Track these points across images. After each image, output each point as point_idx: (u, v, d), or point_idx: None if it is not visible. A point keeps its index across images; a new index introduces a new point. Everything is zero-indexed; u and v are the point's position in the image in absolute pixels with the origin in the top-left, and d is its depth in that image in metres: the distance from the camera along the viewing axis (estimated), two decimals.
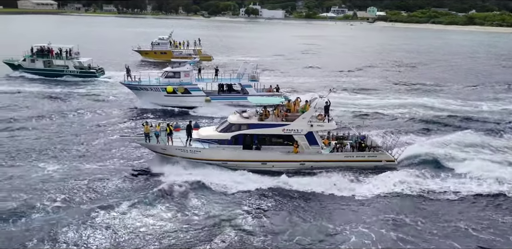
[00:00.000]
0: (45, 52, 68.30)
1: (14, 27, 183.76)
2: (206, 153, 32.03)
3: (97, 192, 28.25)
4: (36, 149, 35.82)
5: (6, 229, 23.54)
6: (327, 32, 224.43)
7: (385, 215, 26.53)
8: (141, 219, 25.08)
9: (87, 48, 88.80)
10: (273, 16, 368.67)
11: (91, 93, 57.98)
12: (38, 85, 61.81)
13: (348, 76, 78.56)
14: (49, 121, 44.45)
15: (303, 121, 32.80)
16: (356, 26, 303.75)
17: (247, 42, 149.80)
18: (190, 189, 28.81)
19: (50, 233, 23.09)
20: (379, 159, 33.55)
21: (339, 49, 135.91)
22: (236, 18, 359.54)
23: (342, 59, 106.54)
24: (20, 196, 27.08)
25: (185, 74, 50.25)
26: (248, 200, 27.99)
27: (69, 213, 25.28)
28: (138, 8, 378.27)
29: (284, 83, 64.19)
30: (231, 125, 32.97)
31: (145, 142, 32.39)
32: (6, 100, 52.43)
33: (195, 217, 25.72)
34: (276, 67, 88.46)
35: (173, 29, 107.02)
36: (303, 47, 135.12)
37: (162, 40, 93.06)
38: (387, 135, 36.37)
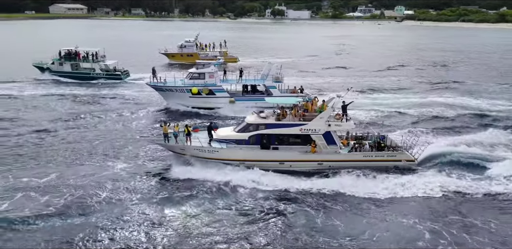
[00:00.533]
0: (72, 55, 70.04)
1: (44, 32, 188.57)
2: (223, 153, 32.25)
3: (124, 192, 28.78)
4: (61, 149, 36.82)
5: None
6: (356, 31, 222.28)
7: (408, 216, 26.22)
8: (172, 218, 25.56)
9: (115, 51, 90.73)
10: (299, 16, 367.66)
11: (116, 94, 59.08)
12: (66, 87, 63.39)
13: (378, 76, 77.97)
14: (75, 122, 45.47)
15: (320, 121, 32.71)
16: (384, 25, 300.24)
17: (276, 43, 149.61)
18: (212, 189, 29.17)
19: (89, 233, 23.84)
20: (398, 159, 33.18)
21: (370, 48, 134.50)
22: (262, 19, 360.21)
23: (374, 59, 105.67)
24: (67, 193, 28.07)
25: (209, 75, 50.67)
26: (271, 200, 28.05)
27: (96, 213, 25.86)
28: (166, 11, 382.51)
29: (313, 84, 64.80)
30: (248, 125, 33.13)
31: (164, 142, 32.81)
32: (36, 102, 53.89)
33: (222, 216, 26.03)
34: (310, 67, 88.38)
35: (199, 31, 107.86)
36: (335, 47, 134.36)
37: (189, 42, 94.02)
38: (408, 134, 35.92)
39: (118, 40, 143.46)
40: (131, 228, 24.37)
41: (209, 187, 29.49)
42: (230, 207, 27.14)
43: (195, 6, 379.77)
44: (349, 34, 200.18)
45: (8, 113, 47.98)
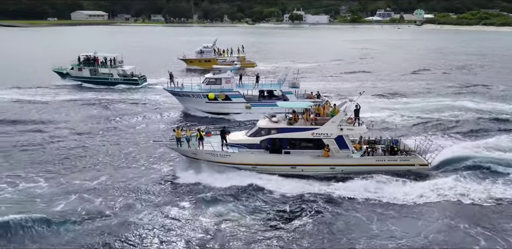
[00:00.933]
0: (91, 61, 71.40)
1: (65, 38, 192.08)
2: (235, 157, 32.37)
3: (142, 196, 29.16)
4: (73, 154, 37.40)
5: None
6: (377, 36, 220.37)
7: (422, 221, 26.16)
8: (192, 222, 25.84)
9: (134, 57, 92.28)
10: (317, 21, 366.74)
11: (133, 99, 59.87)
12: (85, 92, 64.59)
13: (405, 80, 77.62)
14: (93, 126, 46.25)
15: (332, 125, 32.61)
16: (404, 29, 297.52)
17: (296, 47, 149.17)
18: (227, 193, 29.25)
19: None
20: (411, 163, 32.92)
21: (394, 52, 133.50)
22: (280, 24, 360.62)
23: (399, 63, 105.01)
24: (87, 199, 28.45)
25: (226, 81, 50.79)
26: (288, 204, 28.12)
27: (115, 217, 26.09)
28: (185, 17, 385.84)
29: (340, 89, 65.06)
30: (260, 129, 33.21)
31: (176, 147, 33.06)
32: (57, 107, 55.10)
33: (245, 220, 26.23)
34: (336, 72, 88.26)
35: (217, 37, 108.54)
36: (358, 51, 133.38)
37: (207, 48, 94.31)
38: (422, 139, 35.52)
39: (138, 46, 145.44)
40: (156, 231, 24.68)
41: (226, 191, 29.56)
42: (250, 211, 27.23)
43: (214, 12, 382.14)
44: (370, 38, 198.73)
45: (37, 118, 49.19)
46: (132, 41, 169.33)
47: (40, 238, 23.76)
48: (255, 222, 25.85)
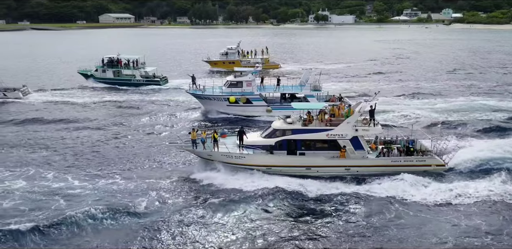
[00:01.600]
0: (114, 62, 73.20)
1: (94, 40, 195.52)
2: (250, 158, 32.57)
3: (169, 196, 29.56)
4: (95, 155, 38.34)
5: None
6: (406, 35, 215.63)
7: (443, 222, 26.00)
8: (218, 223, 26.06)
9: (159, 59, 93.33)
10: (343, 21, 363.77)
11: (155, 101, 60.87)
12: (108, 93, 66.35)
13: (435, 80, 76.17)
14: (114, 127, 47.31)
15: (347, 126, 32.53)
16: (432, 28, 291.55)
17: (324, 48, 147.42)
18: (250, 195, 29.44)
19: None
20: (428, 164, 32.59)
21: (429, 52, 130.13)
22: (305, 25, 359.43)
23: (434, 63, 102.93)
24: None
25: (247, 84, 50.70)
26: (315, 204, 28.27)
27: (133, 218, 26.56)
28: (210, 19, 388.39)
29: (383, 89, 63.86)
30: (275, 130, 33.34)
31: (192, 148, 33.46)
32: (79, 108, 56.69)
33: (266, 221, 26.32)
34: (373, 72, 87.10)
35: (241, 39, 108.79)
36: (392, 51, 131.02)
37: (231, 50, 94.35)
38: (438, 139, 35.15)
39: (164, 48, 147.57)
40: (185, 231, 24.96)
41: (249, 193, 29.72)
42: (274, 212, 27.31)
43: (239, 14, 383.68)
44: (401, 38, 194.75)
45: (65, 118, 51.14)
46: (159, 43, 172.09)
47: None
48: (280, 223, 25.91)
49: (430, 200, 28.50)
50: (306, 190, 29.96)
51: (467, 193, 29.23)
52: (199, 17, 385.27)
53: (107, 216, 26.12)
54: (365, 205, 27.87)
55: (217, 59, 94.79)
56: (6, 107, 57.12)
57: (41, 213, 26.51)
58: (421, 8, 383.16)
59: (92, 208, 26.41)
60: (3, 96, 60.52)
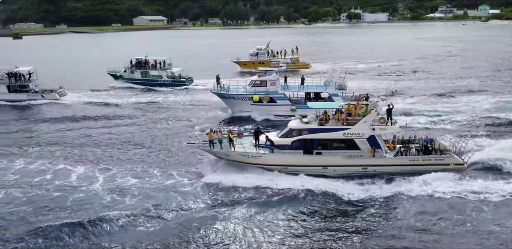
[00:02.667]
0: (142, 63, 75.41)
1: (125, 42, 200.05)
2: (267, 158, 32.83)
3: (186, 197, 29.84)
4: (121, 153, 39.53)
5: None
6: (447, 33, 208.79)
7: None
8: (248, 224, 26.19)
9: (189, 60, 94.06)
10: (375, 19, 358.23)
11: (180, 100, 62.31)
12: (136, 94, 68.54)
13: (473, 78, 74.22)
14: (139, 127, 48.75)
15: (364, 125, 32.39)
16: (469, 25, 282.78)
17: (360, 47, 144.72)
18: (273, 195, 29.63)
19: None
20: (446, 163, 32.12)
21: (479, 49, 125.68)
22: (337, 24, 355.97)
23: (492, 60, 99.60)
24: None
25: (271, 83, 50.97)
26: (337, 205, 28.31)
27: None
28: (241, 20, 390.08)
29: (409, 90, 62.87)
30: (291, 130, 33.49)
31: (209, 148, 33.96)
32: (110, 108, 58.67)
33: (293, 221, 26.44)
34: (431, 71, 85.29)
35: (272, 39, 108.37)
36: (439, 49, 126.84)
37: (260, 50, 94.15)
38: (458, 138, 34.64)
39: (195, 49, 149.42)
40: (211, 231, 25.23)
41: (266, 192, 30.00)
42: (301, 212, 27.36)
43: (270, 14, 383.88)
44: (441, 35, 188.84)
45: (97, 117, 53.66)
46: (191, 45, 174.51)
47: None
48: (307, 224, 26.01)
49: (451, 198, 28.21)
50: (332, 190, 29.92)
51: (487, 192, 28.80)
52: (231, 17, 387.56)
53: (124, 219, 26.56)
54: (393, 205, 27.99)
55: (246, 60, 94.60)
56: (44, 107, 59.60)
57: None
58: (456, 5, 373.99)
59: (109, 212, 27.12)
60: (41, 97, 62.91)
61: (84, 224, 25.64)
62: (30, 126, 50.10)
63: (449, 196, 28.43)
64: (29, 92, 63.57)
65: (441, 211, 26.82)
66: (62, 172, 34.59)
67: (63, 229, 25.09)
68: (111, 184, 32.10)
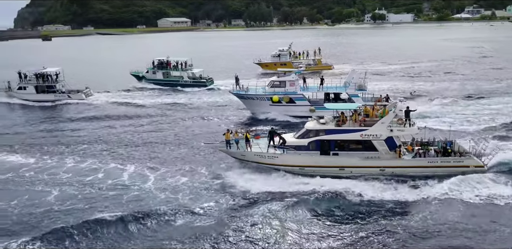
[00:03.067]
0: (164, 64, 76.73)
1: (150, 44, 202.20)
2: (283, 158, 32.80)
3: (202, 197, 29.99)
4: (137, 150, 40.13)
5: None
6: (474, 34, 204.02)
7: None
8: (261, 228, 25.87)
9: (211, 61, 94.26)
10: (400, 20, 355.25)
11: (200, 101, 62.89)
12: (157, 94, 69.71)
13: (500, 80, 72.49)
14: (161, 127, 49.56)
15: (382, 126, 32.09)
16: (498, 26, 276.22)
17: (386, 48, 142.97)
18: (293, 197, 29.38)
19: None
20: (466, 165, 31.57)
21: (510, 52, 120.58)
22: (361, 25, 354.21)
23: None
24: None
25: (290, 84, 50.81)
26: (358, 207, 28.08)
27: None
28: (264, 21, 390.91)
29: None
30: (308, 131, 33.37)
31: (226, 149, 34.08)
32: (134, 108, 59.84)
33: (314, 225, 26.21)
34: (467, 72, 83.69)
35: (296, 40, 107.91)
36: (470, 50, 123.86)
37: (282, 51, 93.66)
38: (478, 140, 34.04)
39: (219, 50, 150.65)
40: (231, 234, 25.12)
41: (283, 194, 29.82)
42: (319, 215, 27.20)
43: (293, 15, 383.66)
44: (472, 36, 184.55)
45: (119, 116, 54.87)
46: (215, 46, 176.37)
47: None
48: (325, 227, 25.87)
49: (471, 201, 27.79)
50: (350, 192, 29.62)
51: (507, 196, 28.25)
52: (254, 19, 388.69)
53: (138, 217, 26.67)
54: (413, 207, 27.68)
55: (268, 61, 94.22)
56: (74, 107, 60.92)
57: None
58: (481, 5, 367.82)
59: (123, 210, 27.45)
60: (68, 97, 64.25)
61: (141, 221, 26.09)
62: (67, 125, 51.33)
63: (471, 200, 27.93)
64: (56, 92, 64.87)
65: (465, 215, 26.41)
66: (113, 170, 35.18)
67: (119, 225, 25.66)
68: (162, 182, 32.49)
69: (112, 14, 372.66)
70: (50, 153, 39.82)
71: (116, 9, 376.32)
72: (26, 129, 49.78)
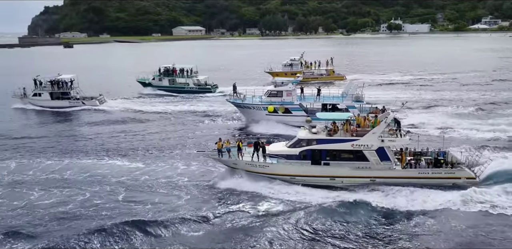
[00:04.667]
0: (170, 71, 78.58)
1: (167, 52, 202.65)
2: (274, 168, 32.88)
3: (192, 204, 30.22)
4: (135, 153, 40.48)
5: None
6: (496, 44, 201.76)
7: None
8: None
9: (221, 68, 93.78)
10: (417, 30, 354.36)
11: (205, 110, 62.78)
12: (163, 101, 70.65)
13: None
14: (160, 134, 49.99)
15: (373, 136, 32.02)
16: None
17: (409, 58, 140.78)
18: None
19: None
20: (457, 176, 31.35)
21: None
22: (377, 34, 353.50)
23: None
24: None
25: (287, 94, 50.78)
26: (342, 216, 28.09)
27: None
28: (279, 30, 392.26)
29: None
30: (299, 140, 33.44)
31: (218, 157, 34.30)
32: (146, 115, 60.54)
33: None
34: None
35: (309, 49, 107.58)
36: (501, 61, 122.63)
37: (294, 61, 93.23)
38: (472, 151, 33.80)
39: (236, 59, 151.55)
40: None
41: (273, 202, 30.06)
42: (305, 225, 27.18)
43: (308, 24, 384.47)
44: (493, 46, 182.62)
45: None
46: (233, 54, 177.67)
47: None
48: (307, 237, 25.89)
49: (457, 212, 27.62)
50: (330, 200, 29.70)
51: (500, 207, 28.02)
52: (269, 28, 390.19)
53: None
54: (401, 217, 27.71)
55: (279, 70, 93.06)
56: (85, 113, 61.94)
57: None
58: (497, 16, 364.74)
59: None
60: (82, 104, 65.23)
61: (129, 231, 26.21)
62: (82, 130, 52.64)
63: (462, 210, 27.88)
64: (70, 99, 65.91)
65: (455, 226, 26.35)
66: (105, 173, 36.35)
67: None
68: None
69: (127, 22, 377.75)
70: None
71: (132, 17, 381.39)
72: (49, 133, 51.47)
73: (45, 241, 24.88)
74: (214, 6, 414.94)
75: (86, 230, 25.89)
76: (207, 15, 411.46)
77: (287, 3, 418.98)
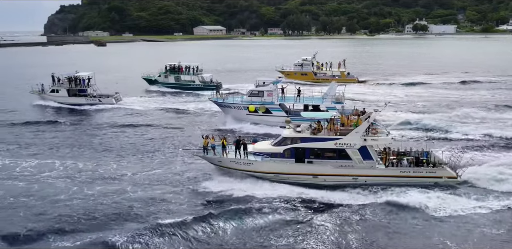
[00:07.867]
0: (176, 69, 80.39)
1: (191, 51, 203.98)
2: (258, 165, 33.46)
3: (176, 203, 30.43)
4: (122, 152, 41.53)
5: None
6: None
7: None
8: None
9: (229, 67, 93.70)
10: (443, 31, 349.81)
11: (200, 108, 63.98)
12: (168, 98, 71.90)
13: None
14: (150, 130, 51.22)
15: (356, 135, 32.39)
16: None
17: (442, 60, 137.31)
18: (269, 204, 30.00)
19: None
20: (439, 176, 31.64)
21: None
22: (402, 35, 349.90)
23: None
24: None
25: (268, 94, 50.89)
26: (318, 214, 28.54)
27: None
28: (303, 30, 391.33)
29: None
30: (284, 138, 33.96)
31: (203, 155, 35.05)
32: (166, 113, 61.42)
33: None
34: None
35: (317, 49, 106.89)
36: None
37: (305, 61, 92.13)
38: (455, 151, 33.89)
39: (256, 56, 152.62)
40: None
41: (254, 200, 30.34)
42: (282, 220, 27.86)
43: (332, 24, 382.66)
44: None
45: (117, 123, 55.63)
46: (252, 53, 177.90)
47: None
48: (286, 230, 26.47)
49: (436, 211, 27.99)
50: (314, 198, 30.31)
51: (479, 206, 28.25)
52: (292, 28, 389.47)
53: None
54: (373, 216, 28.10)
55: (290, 70, 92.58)
56: (102, 112, 62.41)
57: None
58: None
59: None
60: (98, 101, 66.27)
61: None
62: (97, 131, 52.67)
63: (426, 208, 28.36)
64: (87, 96, 67.00)
65: (432, 225, 26.69)
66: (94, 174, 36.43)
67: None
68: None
69: (149, 22, 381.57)
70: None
71: (154, 17, 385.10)
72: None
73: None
74: (234, 6, 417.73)
75: (61, 231, 26.23)
76: (226, 15, 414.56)
77: (306, 3, 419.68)
